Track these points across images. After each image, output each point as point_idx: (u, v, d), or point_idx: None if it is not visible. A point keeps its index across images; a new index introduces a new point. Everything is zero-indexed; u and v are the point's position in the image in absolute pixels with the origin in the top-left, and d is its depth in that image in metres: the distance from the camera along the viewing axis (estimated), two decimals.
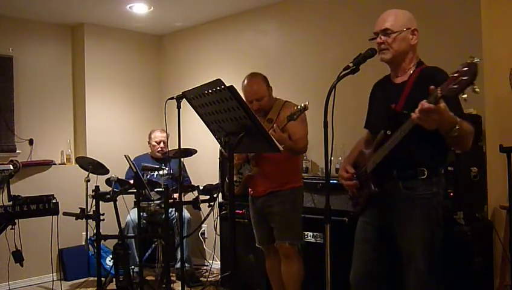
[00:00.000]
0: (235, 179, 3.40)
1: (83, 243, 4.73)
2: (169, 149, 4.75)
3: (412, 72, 2.35)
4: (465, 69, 1.80)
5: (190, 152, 4.62)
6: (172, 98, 3.27)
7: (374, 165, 2.33)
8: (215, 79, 2.09)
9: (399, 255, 2.34)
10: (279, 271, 3.41)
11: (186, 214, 4.81)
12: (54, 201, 3.43)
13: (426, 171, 2.27)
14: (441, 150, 2.31)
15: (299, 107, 2.98)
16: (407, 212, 2.29)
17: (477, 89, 1.80)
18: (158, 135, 5.12)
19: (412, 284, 2.29)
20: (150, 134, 5.21)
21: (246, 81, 3.34)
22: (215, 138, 2.53)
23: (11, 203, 3.25)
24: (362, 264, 2.45)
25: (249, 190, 3.46)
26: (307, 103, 2.95)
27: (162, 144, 5.07)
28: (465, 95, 1.84)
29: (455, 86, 1.82)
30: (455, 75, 1.82)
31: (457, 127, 2.01)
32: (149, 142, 5.20)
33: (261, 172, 3.31)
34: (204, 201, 4.42)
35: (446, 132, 2.04)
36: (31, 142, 5.10)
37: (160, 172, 4.55)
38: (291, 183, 3.32)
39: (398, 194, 2.31)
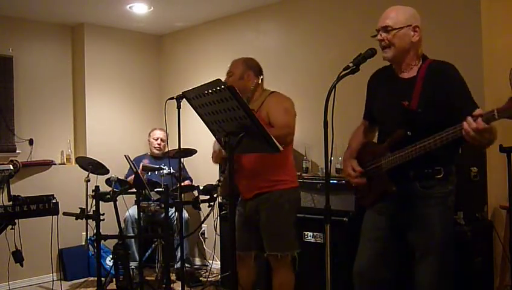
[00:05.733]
0: (218, 178, 3.31)
1: (83, 243, 4.72)
2: (169, 149, 4.75)
3: (419, 67, 2.33)
4: None
5: (190, 152, 4.63)
6: (172, 98, 3.26)
7: (392, 166, 2.30)
8: (215, 79, 2.10)
9: (411, 252, 2.33)
10: (254, 284, 3.19)
11: (184, 214, 4.81)
12: (54, 201, 3.42)
13: (443, 170, 2.27)
14: (455, 148, 2.31)
15: None
16: (424, 212, 2.29)
17: None
18: (157, 132, 5.22)
19: (426, 283, 2.29)
20: (150, 132, 5.31)
21: None
22: (215, 138, 2.53)
23: (11, 203, 3.24)
24: (372, 255, 2.41)
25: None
26: None
27: (159, 141, 5.17)
28: None
29: None
30: None
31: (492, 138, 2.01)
32: (148, 140, 5.27)
33: (243, 170, 2.99)
34: (204, 201, 4.42)
35: (483, 145, 2.03)
36: (31, 142, 5.09)
37: (161, 172, 4.55)
38: (280, 184, 2.98)
39: (415, 194, 2.30)
